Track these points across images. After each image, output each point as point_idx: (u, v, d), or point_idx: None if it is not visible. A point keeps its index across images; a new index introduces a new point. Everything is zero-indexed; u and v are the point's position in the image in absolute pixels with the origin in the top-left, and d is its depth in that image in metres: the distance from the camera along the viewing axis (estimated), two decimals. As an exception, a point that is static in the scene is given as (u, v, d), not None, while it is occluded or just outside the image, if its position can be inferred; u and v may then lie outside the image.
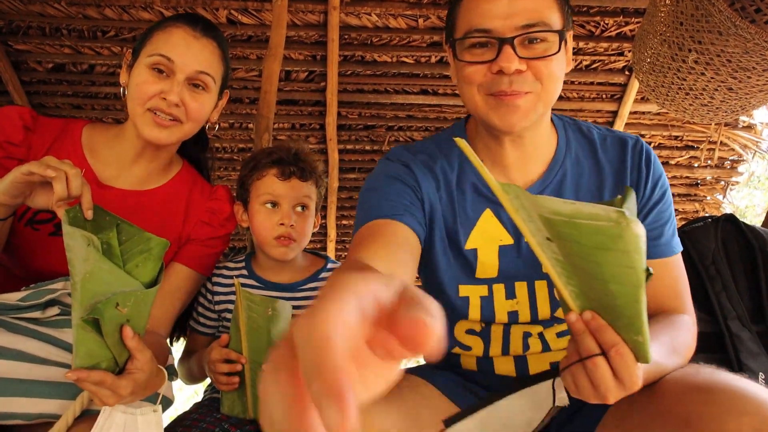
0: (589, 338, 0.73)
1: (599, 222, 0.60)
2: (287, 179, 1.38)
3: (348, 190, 3.27)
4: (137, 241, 0.92)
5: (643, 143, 1.09)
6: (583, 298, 0.73)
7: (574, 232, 0.63)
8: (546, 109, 0.99)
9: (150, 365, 0.97)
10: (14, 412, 0.96)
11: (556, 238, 0.67)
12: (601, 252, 0.62)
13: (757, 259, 1.42)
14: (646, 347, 0.70)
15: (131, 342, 0.91)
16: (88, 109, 2.82)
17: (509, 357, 1.13)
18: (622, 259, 0.62)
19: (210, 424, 1.25)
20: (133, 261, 0.91)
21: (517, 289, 1.09)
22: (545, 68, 0.94)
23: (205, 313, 1.47)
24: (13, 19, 2.40)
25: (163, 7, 2.38)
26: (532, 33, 0.92)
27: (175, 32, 1.19)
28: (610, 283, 0.65)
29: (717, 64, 1.51)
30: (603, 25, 2.53)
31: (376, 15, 2.46)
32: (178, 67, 1.17)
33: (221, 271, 1.47)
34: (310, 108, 2.87)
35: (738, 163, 3.14)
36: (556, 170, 1.07)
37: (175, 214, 1.33)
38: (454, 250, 1.10)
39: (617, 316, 0.70)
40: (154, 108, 1.17)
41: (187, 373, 1.46)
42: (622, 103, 2.81)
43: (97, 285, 0.85)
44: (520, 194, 0.64)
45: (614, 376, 0.72)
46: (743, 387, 0.78)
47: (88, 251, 0.85)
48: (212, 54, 1.23)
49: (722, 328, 1.40)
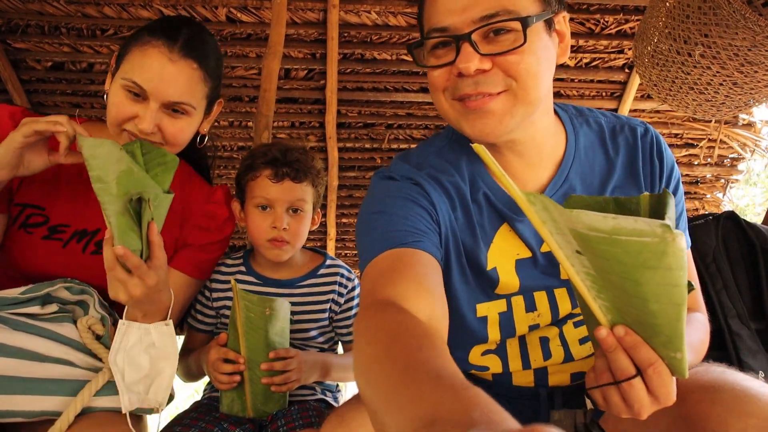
0: (623, 356, 0.68)
1: (643, 238, 0.55)
2: (280, 181, 1.37)
3: (348, 188, 3.26)
4: (156, 154, 1.05)
5: (653, 132, 1.01)
6: (615, 312, 0.68)
7: (615, 249, 0.58)
8: (531, 109, 0.86)
9: (165, 266, 1.03)
10: (15, 409, 0.97)
11: (588, 253, 0.62)
12: (644, 270, 0.58)
13: (758, 256, 1.41)
14: (684, 364, 0.66)
15: (156, 237, 0.99)
16: (87, 108, 2.82)
17: (529, 370, 1.06)
18: (666, 277, 0.58)
19: (209, 423, 1.25)
20: (153, 171, 1.04)
21: (537, 300, 1.01)
22: (517, 63, 0.81)
23: (202, 310, 1.47)
24: (11, 17, 2.40)
25: (162, 5, 2.38)
26: (493, 24, 0.80)
27: (150, 53, 1.08)
28: (651, 302, 0.61)
29: (723, 57, 1.50)
30: (603, 22, 2.53)
31: (376, 13, 2.46)
32: (151, 94, 1.08)
33: (219, 268, 1.47)
34: (310, 106, 2.86)
35: (738, 161, 3.14)
36: (566, 173, 0.97)
37: (171, 217, 1.31)
38: (475, 271, 1.00)
39: (655, 333, 0.65)
40: (127, 129, 1.11)
41: (186, 371, 1.46)
42: (622, 101, 2.80)
43: (130, 183, 0.97)
44: (549, 205, 0.60)
45: (649, 393, 0.69)
46: (749, 387, 0.77)
47: (121, 154, 0.97)
48: (190, 79, 1.11)
49: (722, 325, 1.40)
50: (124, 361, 1.03)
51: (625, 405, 0.70)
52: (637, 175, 0.97)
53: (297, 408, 1.32)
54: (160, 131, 1.12)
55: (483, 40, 0.82)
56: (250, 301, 1.24)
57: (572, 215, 0.58)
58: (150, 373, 1.06)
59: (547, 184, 0.96)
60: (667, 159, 0.99)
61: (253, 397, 1.29)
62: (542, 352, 1.04)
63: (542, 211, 0.61)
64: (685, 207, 3.38)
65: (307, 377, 1.33)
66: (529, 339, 1.04)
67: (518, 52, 0.81)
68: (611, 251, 0.58)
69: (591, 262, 0.64)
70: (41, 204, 1.22)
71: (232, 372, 1.26)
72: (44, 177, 1.19)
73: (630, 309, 0.65)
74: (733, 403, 0.75)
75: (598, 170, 0.98)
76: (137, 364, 1.04)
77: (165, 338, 1.08)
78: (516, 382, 1.07)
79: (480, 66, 0.81)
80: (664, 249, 0.55)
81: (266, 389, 1.28)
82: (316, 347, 1.46)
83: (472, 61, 0.80)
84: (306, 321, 1.43)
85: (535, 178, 0.96)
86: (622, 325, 0.68)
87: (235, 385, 1.28)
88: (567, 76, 2.73)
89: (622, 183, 0.98)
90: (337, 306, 1.46)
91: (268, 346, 1.27)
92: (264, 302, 1.25)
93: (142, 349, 1.05)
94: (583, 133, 1.00)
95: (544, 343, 1.04)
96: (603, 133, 1.00)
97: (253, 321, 1.25)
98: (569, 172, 0.96)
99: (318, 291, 1.46)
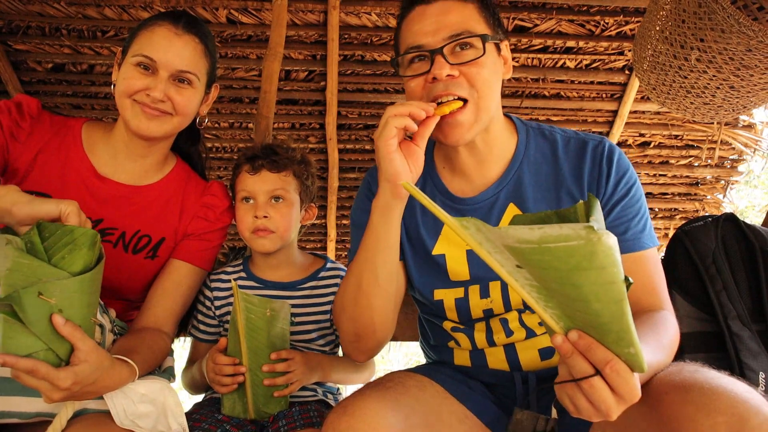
0: (580, 359, 0.71)
1: (570, 242, 0.58)
2: (257, 172, 1.41)
3: (348, 189, 3.27)
4: (60, 234, 0.92)
5: (607, 143, 1.14)
6: (566, 319, 0.71)
7: (547, 257, 0.61)
8: (489, 115, 1.09)
9: (95, 356, 0.92)
10: (11, 410, 0.97)
11: (527, 265, 0.65)
12: (578, 273, 0.61)
13: (758, 258, 1.41)
14: (640, 357, 0.67)
15: (64, 329, 0.88)
16: (87, 109, 2.82)
17: (499, 348, 1.17)
18: (601, 276, 0.60)
19: (211, 425, 1.25)
20: (59, 254, 0.91)
21: (491, 288, 1.14)
22: (477, 73, 1.04)
23: (204, 320, 1.47)
24: (12, 19, 2.40)
25: (162, 6, 2.38)
26: (459, 40, 1.04)
27: (158, 30, 1.23)
28: (592, 303, 0.63)
29: (719, 62, 1.51)
30: (603, 24, 2.53)
31: (376, 14, 2.46)
32: (161, 65, 1.21)
33: (219, 276, 1.48)
34: (310, 107, 2.87)
35: (738, 163, 3.14)
36: (514, 170, 1.15)
37: (171, 210, 1.36)
38: (422, 256, 1.19)
39: (605, 332, 0.68)
40: (140, 102, 1.22)
41: (191, 382, 1.46)
42: (622, 103, 2.81)
43: (17, 279, 0.86)
44: (481, 227, 0.63)
45: (612, 392, 0.70)
46: (718, 385, 0.79)
47: (6, 249, 0.88)
48: (194, 51, 1.26)
49: (722, 327, 1.40)
50: (129, 418, 1.03)
51: (593, 408, 0.72)
52: (581, 179, 1.12)
53: (298, 409, 1.32)
54: (169, 100, 1.23)
55: (451, 54, 1.05)
56: (251, 302, 1.24)
57: (502, 232, 0.62)
58: (158, 411, 1.07)
59: (497, 179, 1.16)
60: (618, 166, 1.11)
61: (254, 398, 1.29)
62: (504, 332, 1.16)
63: (476, 234, 0.65)
64: (685, 208, 3.39)
65: (308, 378, 1.34)
66: (491, 321, 1.17)
67: (478, 63, 1.05)
68: (544, 260, 0.62)
69: (531, 273, 0.66)
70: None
71: (233, 374, 1.26)
72: (51, 171, 1.26)
73: (577, 313, 0.68)
74: (702, 402, 0.77)
75: (547, 174, 1.15)
76: (142, 414, 1.04)
77: (149, 383, 1.07)
78: (492, 364, 1.18)
79: (450, 72, 1.04)
80: (592, 249, 0.58)
81: (267, 391, 1.28)
82: (316, 349, 1.46)
83: (444, 68, 1.03)
84: (307, 323, 1.44)
85: (486, 173, 1.16)
86: (575, 329, 0.70)
87: (236, 387, 1.28)
88: (567, 78, 2.73)
89: (572, 187, 1.12)
90: None
91: (268, 348, 1.27)
92: (265, 304, 1.26)
93: (136, 401, 1.04)
94: (536, 142, 1.18)
95: (504, 323, 1.16)
96: (556, 144, 1.17)
97: (254, 323, 1.25)
98: (517, 170, 1.15)
99: (319, 293, 1.46)
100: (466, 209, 1.17)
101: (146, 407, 1.05)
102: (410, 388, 1.04)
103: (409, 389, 1.03)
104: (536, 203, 1.13)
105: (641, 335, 0.90)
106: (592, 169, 1.12)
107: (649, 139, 3.05)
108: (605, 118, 2.93)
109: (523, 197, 1.14)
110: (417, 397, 1.02)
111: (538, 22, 2.52)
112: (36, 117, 1.28)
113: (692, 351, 1.43)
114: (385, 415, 0.90)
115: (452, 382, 1.13)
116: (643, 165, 3.14)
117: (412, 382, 1.07)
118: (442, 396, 1.08)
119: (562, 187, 1.13)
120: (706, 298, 1.43)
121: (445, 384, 1.11)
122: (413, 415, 0.96)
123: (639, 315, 1.02)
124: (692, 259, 1.46)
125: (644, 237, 1.09)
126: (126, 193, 1.32)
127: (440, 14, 1.06)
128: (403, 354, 8.07)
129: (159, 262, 1.35)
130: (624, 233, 1.08)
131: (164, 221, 1.35)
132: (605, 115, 2.93)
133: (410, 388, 1.04)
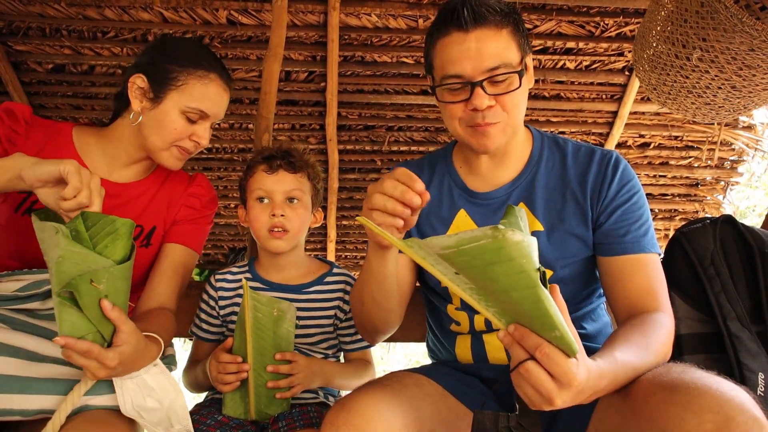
0: (517, 348, 0.76)
1: (480, 242, 0.67)
2: (274, 172, 1.42)
3: (348, 190, 3.27)
4: (103, 224, 0.99)
5: (615, 155, 1.20)
6: (506, 315, 0.77)
7: (466, 258, 0.70)
8: (514, 130, 1.17)
9: (135, 337, 1.00)
10: (12, 408, 0.98)
11: (460, 270, 0.73)
12: (492, 267, 0.69)
13: (756, 260, 1.41)
14: (567, 339, 0.73)
15: (112, 314, 0.96)
16: (87, 110, 2.83)
17: (495, 334, 1.18)
18: (511, 267, 0.68)
19: (211, 426, 1.25)
20: (102, 243, 0.98)
21: None
22: (510, 101, 1.12)
23: (208, 319, 1.48)
24: (13, 20, 2.41)
25: (162, 7, 2.39)
26: (497, 75, 1.09)
27: (212, 86, 1.32)
28: (511, 292, 0.71)
29: (721, 61, 1.50)
30: (603, 25, 2.53)
31: (376, 15, 2.46)
32: (211, 117, 1.34)
33: (225, 276, 1.48)
34: (310, 108, 2.87)
35: (738, 164, 3.15)
36: (527, 174, 1.23)
37: (159, 202, 1.41)
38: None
39: (531, 319, 0.74)
40: (181, 146, 1.32)
41: (193, 382, 1.46)
42: (622, 104, 2.81)
43: (69, 267, 0.93)
44: (421, 244, 0.73)
45: (552, 377, 0.74)
46: (705, 384, 0.80)
47: (57, 238, 0.94)
48: (227, 101, 1.41)
49: (721, 328, 1.39)
50: (135, 409, 1.06)
51: (537, 394, 0.75)
52: (585, 183, 1.18)
53: (298, 410, 1.32)
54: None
55: (488, 85, 1.10)
56: (259, 301, 1.26)
57: (429, 243, 0.72)
58: (163, 411, 1.10)
59: (511, 180, 1.24)
60: (622, 175, 1.17)
61: (256, 399, 1.29)
62: None
63: (419, 250, 0.74)
64: (685, 209, 3.39)
65: (310, 382, 1.34)
66: None
67: (513, 93, 1.11)
68: (465, 260, 0.71)
69: (467, 277, 0.74)
70: None
71: (237, 372, 1.27)
72: None
73: (506, 305, 0.75)
74: (689, 401, 0.78)
75: (556, 179, 1.22)
76: (148, 409, 1.08)
77: (159, 378, 1.11)
78: (492, 359, 1.22)
79: (489, 103, 1.10)
80: (499, 245, 0.67)
81: (270, 392, 1.29)
82: (319, 353, 1.46)
83: (483, 100, 1.09)
84: (311, 327, 1.44)
85: (501, 174, 1.24)
86: (514, 323, 0.77)
87: (238, 385, 1.28)
88: (567, 79, 2.74)
89: (576, 191, 1.19)
90: (343, 313, 1.46)
91: (274, 348, 1.28)
92: (272, 303, 1.27)
93: (145, 394, 1.08)
94: (549, 150, 1.25)
95: None
96: (566, 151, 1.24)
97: (261, 321, 1.26)
98: (530, 174, 1.23)
99: (324, 298, 1.46)
100: (481, 203, 1.24)
101: (153, 403, 1.08)
102: (408, 386, 1.06)
103: (407, 387, 1.05)
104: (544, 204, 1.19)
105: (626, 333, 0.96)
106: (597, 175, 1.17)
107: (648, 140, 3.05)
108: (605, 119, 2.94)
109: (533, 198, 1.20)
110: (415, 394, 1.04)
111: (538, 23, 2.53)
112: (30, 122, 1.31)
113: (692, 352, 1.43)
114: (383, 410, 0.93)
115: (451, 380, 1.14)
116: (643, 166, 3.15)
117: (410, 381, 1.08)
118: (440, 393, 1.10)
119: (567, 190, 1.19)
120: (704, 300, 1.43)
121: (443, 382, 1.12)
122: (411, 412, 0.98)
123: (633, 317, 1.04)
124: (690, 261, 1.46)
125: (644, 241, 1.11)
126: (119, 191, 1.36)
127: (478, 42, 1.08)
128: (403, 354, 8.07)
129: (153, 250, 1.39)
130: (624, 236, 1.11)
131: (154, 212, 1.39)
132: (605, 116, 2.93)
133: (408, 386, 1.05)
